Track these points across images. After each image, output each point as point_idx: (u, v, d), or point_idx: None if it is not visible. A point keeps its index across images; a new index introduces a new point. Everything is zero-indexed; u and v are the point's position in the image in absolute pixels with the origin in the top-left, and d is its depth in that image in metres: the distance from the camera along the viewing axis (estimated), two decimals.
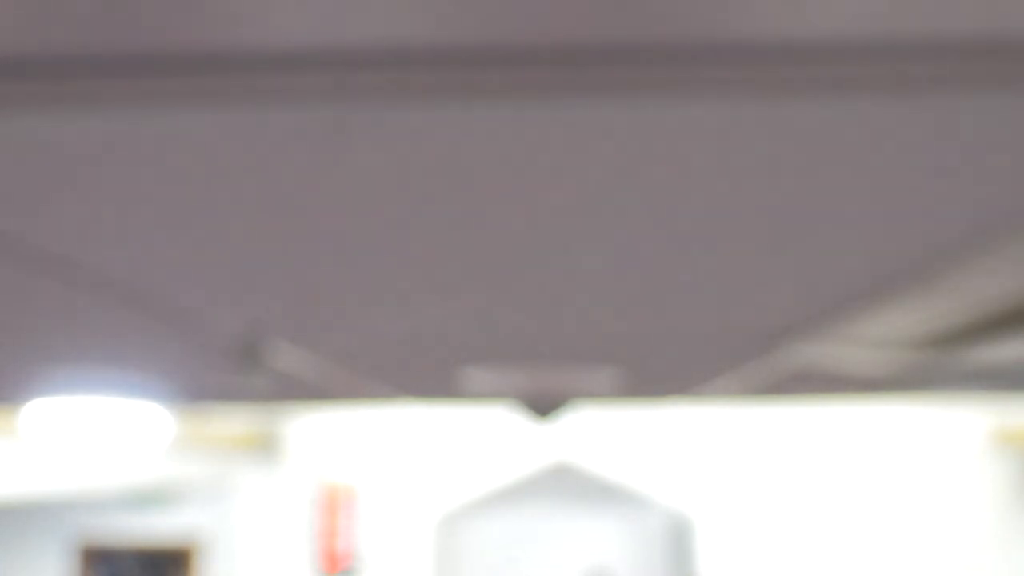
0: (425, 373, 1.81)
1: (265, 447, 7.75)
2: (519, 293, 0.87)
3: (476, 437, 7.60)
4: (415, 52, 0.39)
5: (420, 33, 0.37)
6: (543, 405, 2.46)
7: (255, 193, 0.54)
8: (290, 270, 0.76)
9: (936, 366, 1.52)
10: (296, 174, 0.50)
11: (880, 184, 0.53)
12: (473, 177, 0.51)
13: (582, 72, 0.41)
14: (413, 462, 7.72)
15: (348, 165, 0.49)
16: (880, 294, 0.87)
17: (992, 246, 0.66)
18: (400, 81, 0.41)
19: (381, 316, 1.03)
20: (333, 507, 7.79)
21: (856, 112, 0.43)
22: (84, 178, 0.51)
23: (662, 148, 0.47)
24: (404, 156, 0.48)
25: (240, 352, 1.19)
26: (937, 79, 0.41)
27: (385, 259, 0.72)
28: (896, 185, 0.53)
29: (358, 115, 0.43)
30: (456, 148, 0.47)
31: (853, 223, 0.61)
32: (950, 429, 7.45)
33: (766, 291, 0.87)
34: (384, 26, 0.37)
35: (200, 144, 0.46)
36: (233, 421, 7.29)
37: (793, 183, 0.53)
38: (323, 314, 1.00)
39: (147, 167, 0.49)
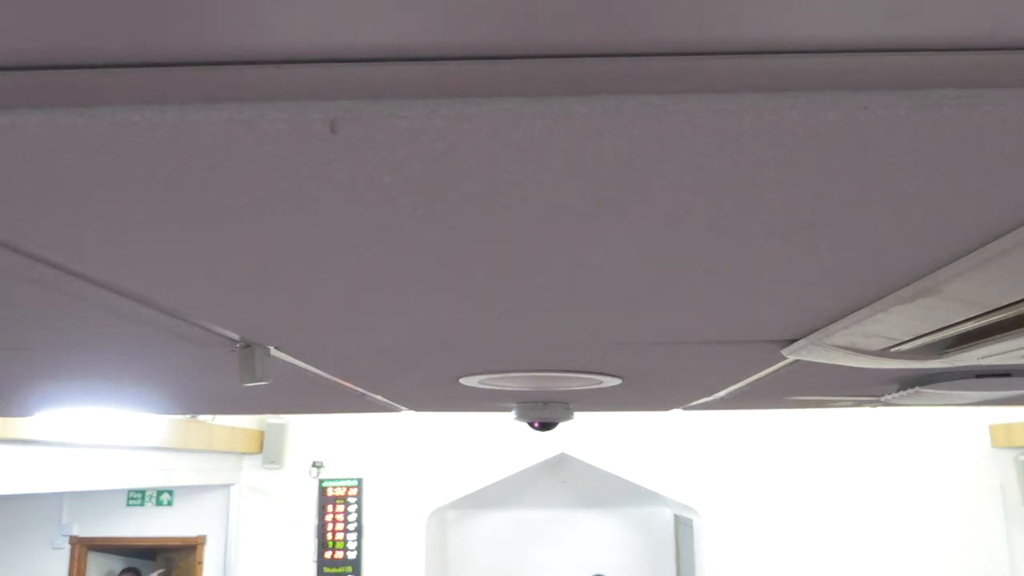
0: (424, 383, 1.81)
1: (266, 443, 7.75)
2: (519, 299, 0.87)
3: (477, 431, 7.59)
4: (415, 52, 0.39)
5: (419, 33, 0.37)
6: (543, 415, 2.45)
7: (252, 196, 0.54)
8: (290, 276, 0.75)
9: (937, 370, 1.51)
10: (294, 175, 0.50)
11: (882, 187, 0.53)
12: (472, 178, 0.51)
13: (584, 72, 0.40)
14: (414, 457, 7.71)
15: (346, 166, 0.49)
16: (882, 299, 0.87)
17: (994, 249, 0.65)
18: (400, 81, 0.41)
19: (380, 324, 1.02)
20: (334, 504, 7.78)
21: (856, 115, 0.43)
22: (80, 180, 0.51)
23: (664, 151, 0.47)
24: (403, 157, 0.48)
25: (239, 362, 1.18)
26: (937, 80, 0.41)
27: (384, 266, 0.71)
28: (898, 187, 0.53)
29: (357, 115, 0.43)
30: (455, 148, 0.47)
31: (855, 225, 0.61)
32: (951, 429, 7.44)
33: (769, 297, 0.87)
34: (384, 26, 0.37)
35: (199, 145, 0.46)
36: (234, 419, 7.28)
37: (795, 184, 0.52)
38: (322, 322, 0.99)
39: (144, 169, 0.49)
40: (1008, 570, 7.30)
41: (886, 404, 2.18)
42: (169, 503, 7.85)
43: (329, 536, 7.77)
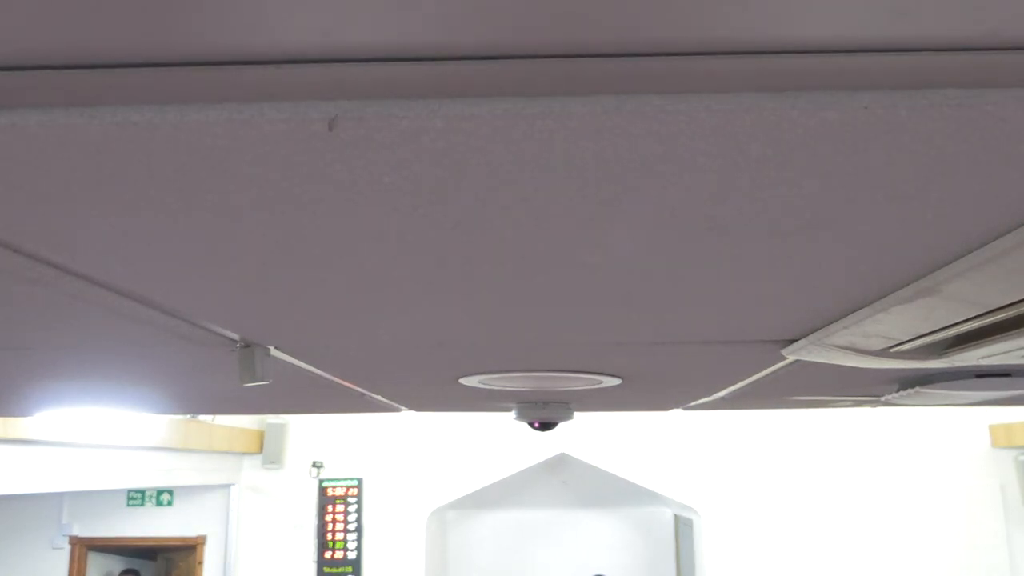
0: (424, 383, 1.81)
1: (266, 443, 7.75)
2: (519, 299, 0.87)
3: (477, 431, 7.60)
4: (415, 52, 0.39)
5: (419, 33, 0.37)
6: (543, 415, 2.45)
7: (252, 196, 0.54)
8: (290, 276, 0.75)
9: (937, 370, 1.51)
10: (294, 175, 0.50)
11: (883, 187, 0.53)
12: (472, 178, 0.51)
13: (584, 72, 0.40)
14: (414, 457, 7.72)
15: (346, 166, 0.49)
16: (882, 299, 0.87)
17: (994, 249, 0.65)
18: (400, 81, 0.41)
19: (380, 324, 1.02)
20: (334, 504, 7.78)
21: (856, 115, 0.43)
22: (80, 180, 0.51)
23: (664, 151, 0.47)
24: (403, 157, 0.48)
25: (239, 362, 1.18)
26: (937, 80, 0.41)
27: (384, 266, 0.71)
28: (898, 187, 0.53)
29: (357, 115, 0.43)
30: (455, 148, 0.47)
31: (855, 226, 0.61)
32: (951, 429, 7.44)
33: (769, 297, 0.87)
34: (384, 26, 0.37)
35: (199, 145, 0.46)
36: (234, 419, 7.28)
37: (795, 184, 0.52)
38: (322, 322, 0.99)
39: (144, 169, 0.49)
40: (1008, 570, 7.30)
41: (886, 404, 2.18)
42: (169, 503, 7.85)
43: (329, 536, 7.77)
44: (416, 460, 7.81)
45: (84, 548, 7.78)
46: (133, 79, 0.40)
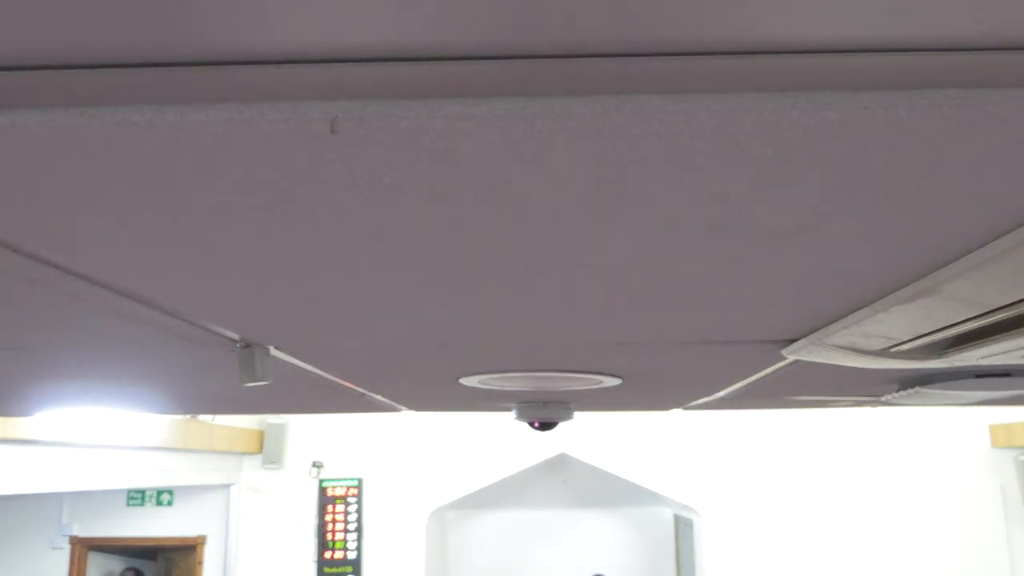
0: (425, 382, 1.81)
1: (266, 443, 7.75)
2: (519, 299, 0.87)
3: (477, 431, 7.60)
4: (415, 52, 0.39)
5: (419, 33, 0.37)
6: (543, 415, 2.45)
7: (252, 196, 0.54)
8: (290, 276, 0.75)
9: (937, 370, 1.51)
10: (294, 175, 0.50)
11: (883, 187, 0.53)
12: (472, 178, 0.51)
13: (584, 72, 0.40)
14: (414, 457, 7.72)
15: (346, 166, 0.49)
16: (882, 299, 0.87)
17: (994, 249, 0.65)
18: (400, 81, 0.41)
19: (380, 324, 1.02)
20: (334, 504, 7.78)
21: (856, 115, 0.43)
22: (80, 180, 0.51)
23: (664, 151, 0.47)
24: (403, 157, 0.48)
25: (239, 362, 1.18)
26: (937, 80, 0.41)
27: (385, 265, 0.71)
28: (898, 188, 0.53)
29: (357, 115, 0.43)
30: (455, 148, 0.47)
31: (855, 226, 0.61)
32: (951, 429, 7.44)
33: (769, 297, 0.87)
34: (384, 26, 0.37)
35: (199, 145, 0.46)
36: (234, 419, 7.28)
37: (795, 184, 0.52)
38: (322, 322, 0.99)
39: (144, 169, 0.49)
40: (1008, 570, 7.30)
41: (886, 404, 2.18)
42: (169, 503, 7.85)
43: (329, 536, 7.77)
44: (416, 460, 7.81)
45: (84, 548, 7.78)
46: (133, 79, 0.40)
